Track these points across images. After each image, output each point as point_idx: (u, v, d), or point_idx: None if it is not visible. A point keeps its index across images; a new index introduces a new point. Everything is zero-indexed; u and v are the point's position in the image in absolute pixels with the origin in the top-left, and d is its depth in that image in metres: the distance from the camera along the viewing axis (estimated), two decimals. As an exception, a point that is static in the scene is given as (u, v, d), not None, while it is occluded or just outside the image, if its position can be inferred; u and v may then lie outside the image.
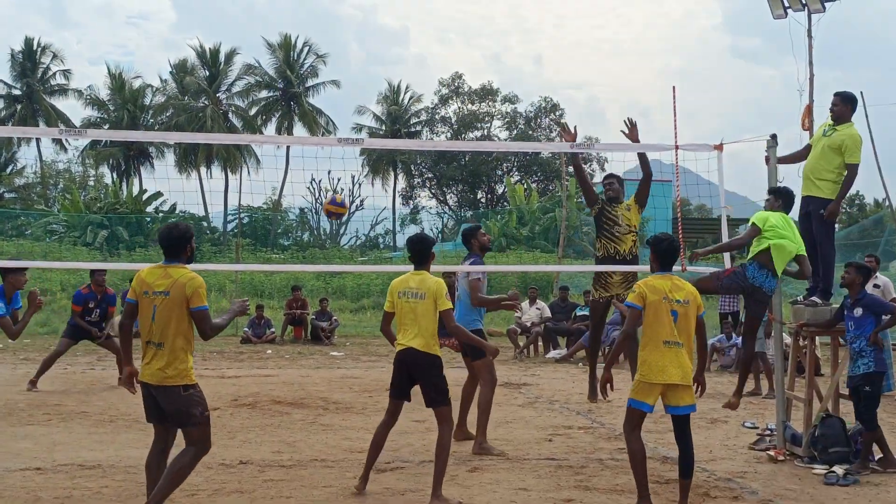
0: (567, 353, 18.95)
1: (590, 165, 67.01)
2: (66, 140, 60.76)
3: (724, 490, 7.86)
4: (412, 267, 7.77)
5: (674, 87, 10.09)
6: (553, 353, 19.40)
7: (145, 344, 6.47)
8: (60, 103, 64.26)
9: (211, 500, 7.39)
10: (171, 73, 64.56)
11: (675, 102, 10.01)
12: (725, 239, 10.38)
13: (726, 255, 10.09)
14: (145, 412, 6.63)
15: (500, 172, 68.18)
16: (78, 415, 11.39)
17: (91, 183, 60.46)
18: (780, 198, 9.14)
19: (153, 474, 6.54)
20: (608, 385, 7.24)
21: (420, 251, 7.74)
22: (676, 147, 10.03)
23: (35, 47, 63.53)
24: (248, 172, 60.68)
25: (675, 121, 9.96)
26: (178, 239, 6.58)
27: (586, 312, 19.88)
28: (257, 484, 7.90)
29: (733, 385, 10.07)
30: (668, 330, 6.91)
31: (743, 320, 10.14)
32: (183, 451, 6.44)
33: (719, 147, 10.08)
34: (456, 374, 10.77)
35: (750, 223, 8.96)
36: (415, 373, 7.50)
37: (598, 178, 63.05)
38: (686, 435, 7.06)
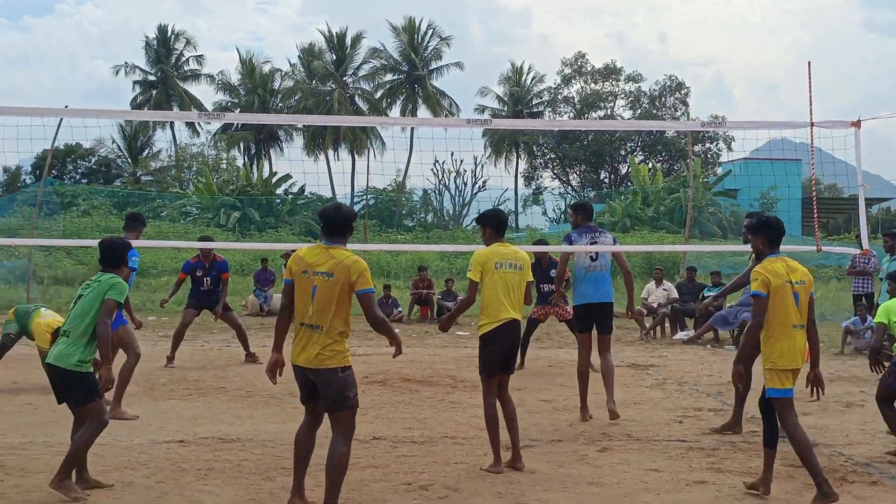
0: (695, 335, 18.71)
1: (716, 144, 65.90)
2: (200, 124, 62.53)
3: (861, 475, 7.71)
4: (522, 247, 7.96)
5: (809, 63, 9.91)
6: (680, 335, 19.19)
7: (299, 325, 6.36)
8: (193, 88, 66.21)
9: (348, 473, 7.58)
10: (298, 57, 65.76)
11: (810, 79, 9.81)
12: (862, 220, 10.14)
13: (863, 234, 9.86)
14: (302, 394, 6.56)
15: (623, 152, 67.51)
16: (216, 390, 11.79)
17: (223, 166, 62.03)
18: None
19: (302, 450, 6.58)
20: (739, 378, 7.16)
21: (504, 223, 8.14)
22: (812, 125, 9.84)
23: (169, 34, 65.45)
24: (374, 155, 61.45)
25: (810, 97, 9.78)
26: (345, 220, 6.52)
27: (714, 293, 19.61)
28: (390, 459, 8.08)
29: (866, 368, 9.84)
30: (793, 313, 6.79)
31: None
32: (334, 442, 6.37)
33: (857, 124, 9.85)
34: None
35: (875, 322, 8.85)
36: (515, 343, 7.94)
37: (725, 157, 61.92)
38: (773, 408, 6.94)
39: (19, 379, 12.51)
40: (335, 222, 6.48)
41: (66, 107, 13.47)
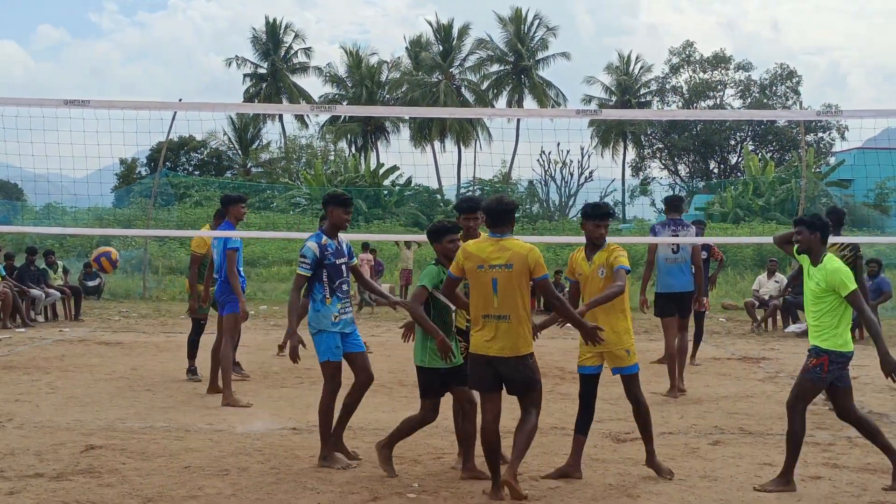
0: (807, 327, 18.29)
1: (828, 133, 64.41)
2: (309, 116, 63.49)
3: None
4: (639, 237, 7.84)
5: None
6: (793, 328, 18.79)
7: (481, 318, 6.56)
8: (301, 81, 67.11)
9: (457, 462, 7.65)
10: (406, 48, 66.19)
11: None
12: None
13: None
14: (477, 382, 6.76)
15: (733, 142, 66.35)
16: (327, 378, 11.94)
17: (332, 157, 62.83)
18: None
19: (495, 442, 6.75)
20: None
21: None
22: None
23: (278, 27, 66.50)
24: (480, 146, 61.52)
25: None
26: (509, 211, 6.67)
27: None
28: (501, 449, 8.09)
29: None
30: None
31: None
32: (525, 417, 6.71)
33: None
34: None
35: None
36: None
37: (838, 146, 60.42)
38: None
39: (138, 365, 12.90)
40: (498, 212, 6.63)
41: (181, 100, 13.89)
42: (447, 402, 7.42)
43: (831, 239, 10.86)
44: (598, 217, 7.43)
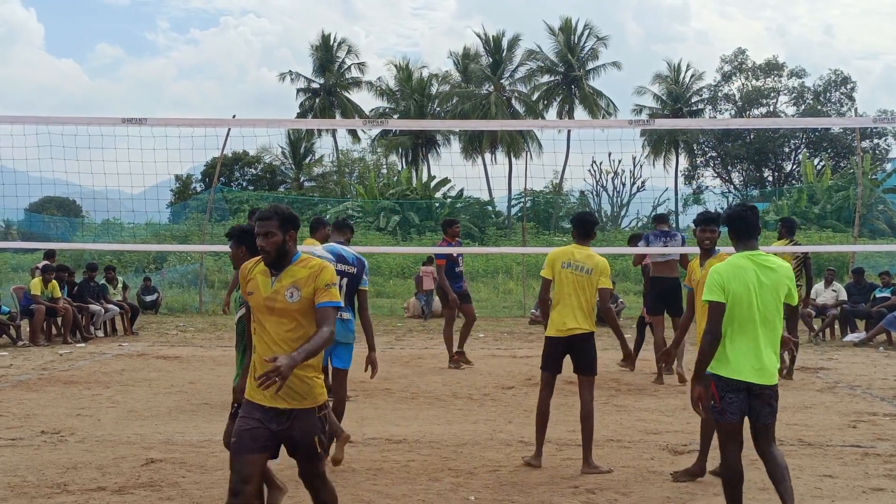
0: (866, 337, 18.07)
1: (884, 140, 63.60)
2: (362, 130, 63.84)
3: None
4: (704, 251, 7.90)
5: None
6: (851, 337, 18.54)
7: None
8: (352, 95, 67.51)
9: (512, 475, 7.67)
10: (453, 62, 66.36)
11: None
12: None
13: None
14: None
15: (787, 150, 65.66)
16: (381, 391, 12.01)
17: (384, 171, 63.04)
18: None
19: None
20: None
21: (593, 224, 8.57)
22: None
23: (331, 42, 67.02)
24: (531, 157, 61.39)
25: None
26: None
27: (887, 294, 18.90)
28: (556, 462, 8.10)
29: None
30: None
31: None
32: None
33: None
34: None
35: None
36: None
37: (895, 153, 59.58)
38: None
39: (196, 379, 13.05)
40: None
41: (234, 117, 14.02)
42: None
43: (781, 248, 12.97)
44: (703, 223, 7.87)
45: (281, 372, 4.70)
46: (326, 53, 66.52)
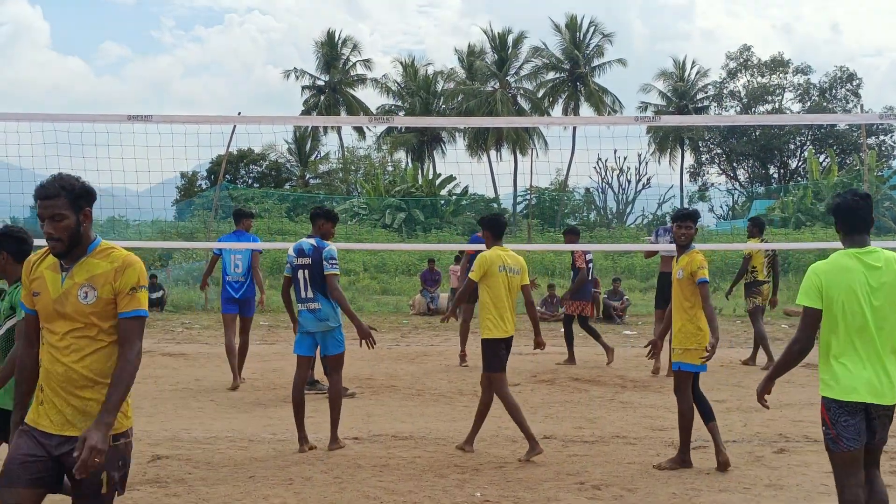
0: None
1: (890, 137, 63.49)
2: (367, 128, 63.84)
3: None
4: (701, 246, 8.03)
5: None
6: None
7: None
8: (358, 93, 67.53)
9: (519, 471, 7.67)
10: (459, 59, 66.35)
11: None
12: None
13: None
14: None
15: (792, 146, 65.58)
16: (387, 388, 12.01)
17: (389, 168, 63.08)
18: None
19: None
20: None
21: (503, 226, 8.65)
22: None
23: (336, 40, 67.04)
24: (537, 154, 61.39)
25: None
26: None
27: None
28: (562, 458, 8.10)
29: None
30: None
31: None
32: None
33: None
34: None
35: None
36: None
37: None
38: None
39: (202, 376, 13.06)
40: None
41: (240, 114, 14.02)
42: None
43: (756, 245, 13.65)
44: (679, 219, 8.09)
45: (100, 452, 3.79)
46: (332, 51, 66.57)
